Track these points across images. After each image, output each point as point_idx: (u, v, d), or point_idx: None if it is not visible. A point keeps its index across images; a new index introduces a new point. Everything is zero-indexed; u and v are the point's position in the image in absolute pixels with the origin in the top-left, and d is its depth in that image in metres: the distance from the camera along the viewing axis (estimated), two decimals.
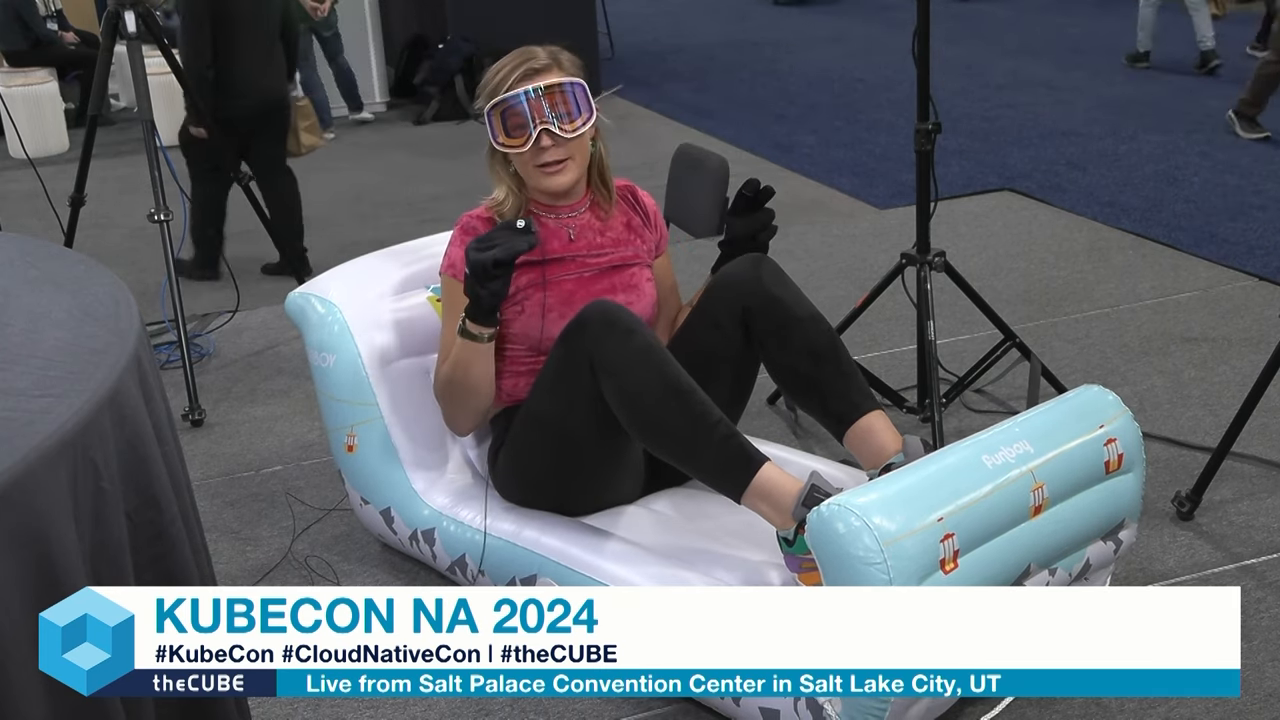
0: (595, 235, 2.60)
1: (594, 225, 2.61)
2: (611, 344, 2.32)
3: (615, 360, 2.32)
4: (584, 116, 2.49)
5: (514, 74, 2.48)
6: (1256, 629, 2.48)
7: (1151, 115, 6.98)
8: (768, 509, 2.24)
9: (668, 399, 2.29)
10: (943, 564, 1.98)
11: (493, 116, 2.49)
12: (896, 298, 3.70)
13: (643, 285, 2.62)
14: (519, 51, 2.53)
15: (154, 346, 3.30)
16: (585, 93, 2.50)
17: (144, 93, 3.79)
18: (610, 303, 2.41)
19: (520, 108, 2.45)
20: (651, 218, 2.72)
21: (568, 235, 2.58)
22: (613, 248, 2.61)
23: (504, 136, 2.49)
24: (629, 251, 2.63)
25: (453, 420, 2.62)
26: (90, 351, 1.57)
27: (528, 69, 2.49)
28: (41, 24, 8.21)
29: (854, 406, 2.45)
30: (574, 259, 2.57)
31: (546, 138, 2.46)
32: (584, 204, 2.61)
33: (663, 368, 2.31)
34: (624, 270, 2.61)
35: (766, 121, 7.52)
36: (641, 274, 2.63)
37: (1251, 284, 4.34)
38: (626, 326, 2.34)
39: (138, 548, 1.54)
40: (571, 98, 2.48)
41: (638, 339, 2.33)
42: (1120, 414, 2.31)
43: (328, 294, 2.78)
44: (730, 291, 2.54)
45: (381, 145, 7.47)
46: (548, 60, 2.51)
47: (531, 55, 2.51)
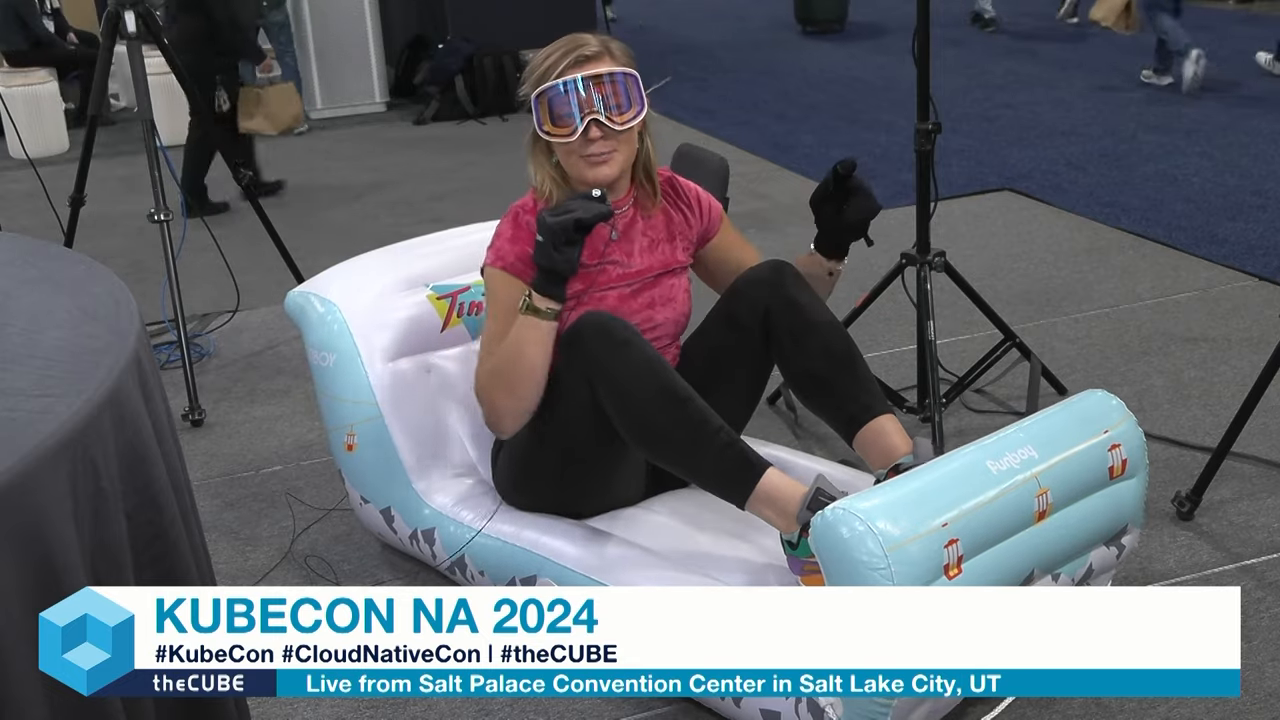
0: (638, 235, 2.55)
1: (637, 223, 2.56)
2: (607, 356, 2.30)
3: (612, 372, 2.30)
4: (635, 109, 2.42)
5: (564, 60, 2.40)
6: (1256, 629, 2.48)
7: (1151, 115, 6.98)
8: (772, 514, 2.23)
9: (667, 408, 2.28)
10: (946, 569, 1.98)
11: (539, 104, 2.41)
12: (896, 298, 3.70)
13: (678, 296, 2.58)
14: (569, 38, 2.45)
15: (154, 346, 3.30)
16: (637, 83, 2.43)
17: (144, 93, 3.79)
18: (604, 314, 2.38)
19: (569, 96, 2.37)
20: (696, 205, 2.63)
21: (610, 233, 2.52)
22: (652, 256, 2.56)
23: (550, 125, 2.41)
24: (668, 258, 2.57)
25: (497, 416, 2.48)
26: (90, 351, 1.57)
27: (578, 56, 2.40)
28: (41, 24, 8.21)
29: (866, 409, 2.42)
30: (616, 266, 2.52)
31: (595, 129, 2.39)
32: (628, 200, 2.55)
33: (660, 377, 2.29)
34: (662, 281, 2.56)
35: (766, 121, 7.52)
36: (679, 284, 2.59)
37: (1251, 284, 4.34)
38: (622, 338, 2.31)
39: (138, 548, 1.54)
40: (623, 88, 2.40)
41: (634, 350, 2.31)
42: (1124, 419, 2.31)
43: (327, 293, 2.78)
44: (753, 293, 2.51)
45: (381, 145, 7.47)
46: (599, 48, 2.43)
47: (582, 42, 2.43)
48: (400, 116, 8.20)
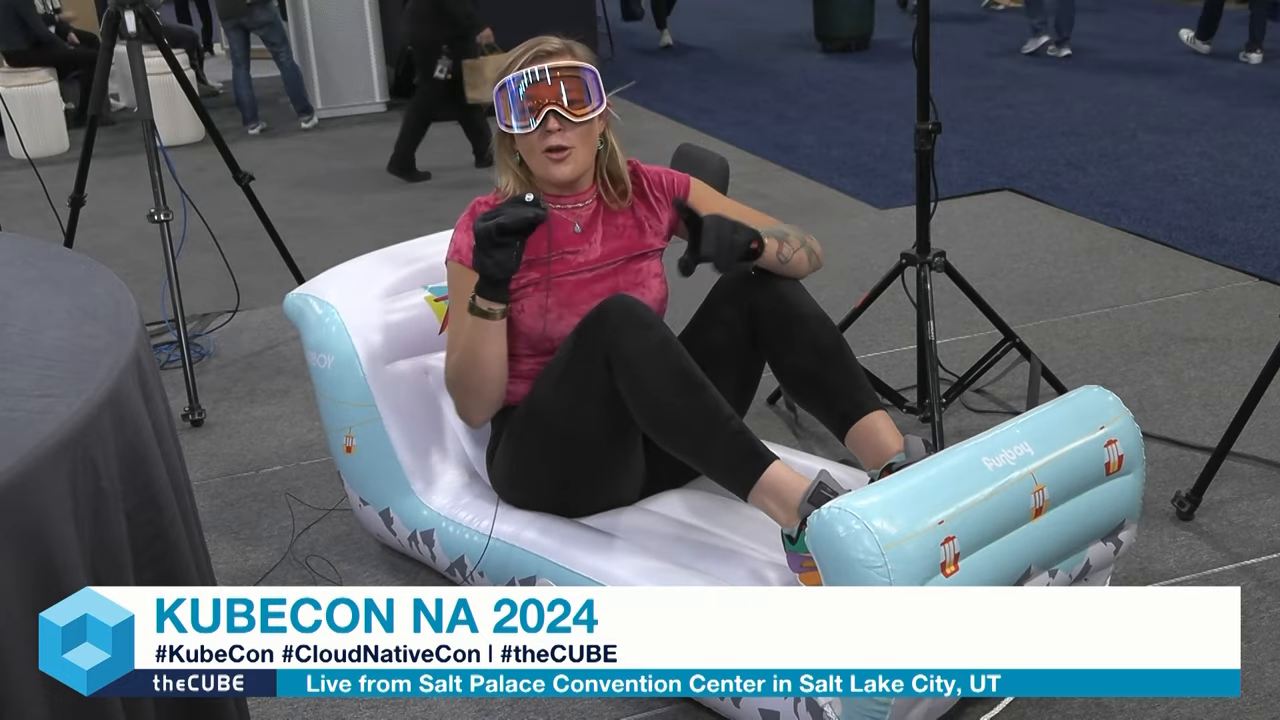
0: (600, 225, 2.57)
1: (599, 214, 2.58)
2: (630, 337, 2.32)
3: (633, 353, 2.31)
4: (594, 104, 2.46)
5: (524, 55, 2.46)
6: (1256, 629, 2.48)
7: (1151, 115, 6.98)
8: (775, 506, 2.24)
9: (682, 393, 2.29)
10: (943, 567, 1.98)
11: (500, 97, 2.46)
12: (896, 298, 3.70)
13: (649, 281, 2.59)
14: (533, 39, 2.51)
15: (154, 346, 3.30)
16: (597, 81, 2.47)
17: (144, 93, 3.79)
18: (630, 297, 2.40)
19: (528, 87, 2.43)
20: (666, 186, 2.62)
21: (573, 227, 2.56)
22: (618, 242, 2.58)
23: (510, 118, 2.46)
24: (634, 243, 2.59)
25: (465, 410, 2.58)
26: (90, 351, 1.57)
27: (539, 51, 2.47)
28: (41, 24, 8.21)
29: (857, 406, 2.44)
30: (576, 255, 2.54)
31: (554, 120, 2.43)
32: (589, 195, 2.58)
33: (679, 363, 2.30)
34: (630, 266, 2.58)
35: (766, 121, 7.52)
36: (649, 268, 2.60)
37: (1251, 284, 4.34)
38: (645, 321, 2.34)
39: (138, 548, 1.54)
40: (583, 83, 2.45)
41: (655, 333, 2.32)
42: (1121, 415, 2.31)
43: (325, 295, 2.78)
44: (737, 289, 2.53)
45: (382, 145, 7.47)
46: (560, 46, 2.49)
47: (544, 40, 2.50)
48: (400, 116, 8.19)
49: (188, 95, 4.32)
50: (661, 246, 2.64)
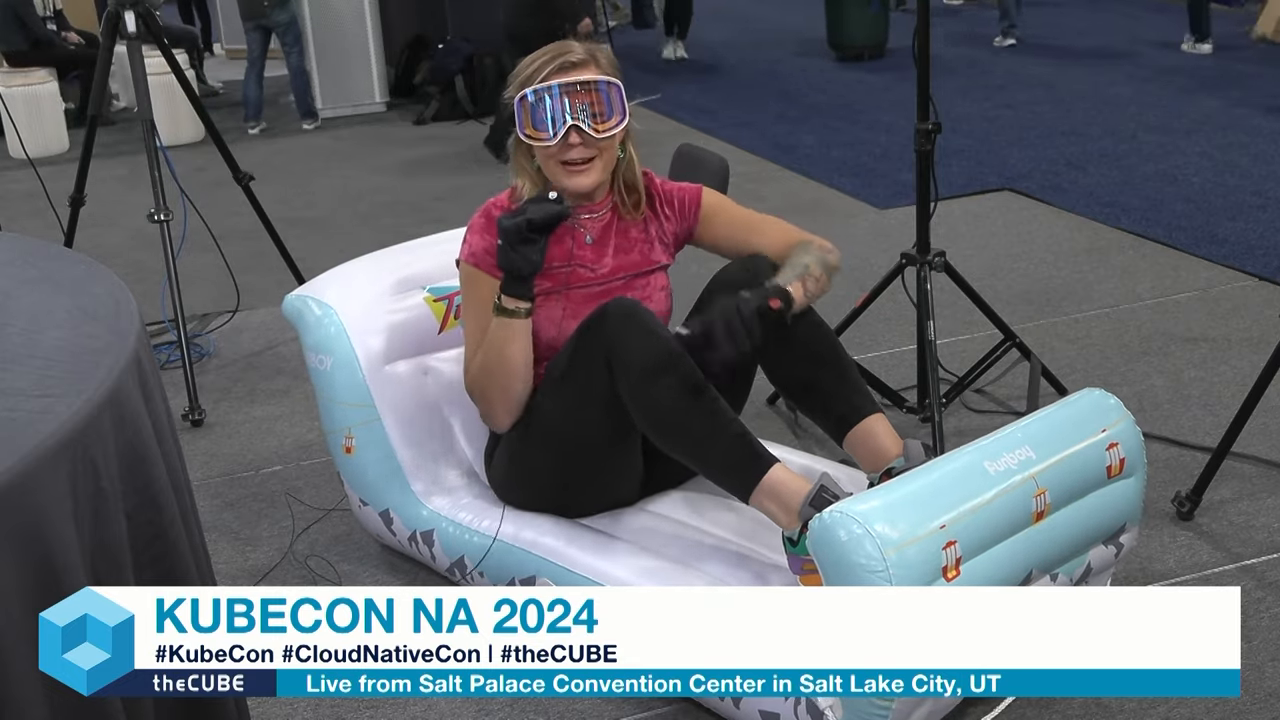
0: (613, 238, 2.55)
1: (613, 226, 2.56)
2: (631, 339, 2.31)
3: (634, 355, 2.30)
4: (616, 118, 2.43)
5: (548, 66, 2.42)
6: (1256, 629, 2.48)
7: (1151, 115, 6.98)
8: (775, 508, 2.24)
9: (684, 396, 2.28)
10: (945, 571, 1.98)
11: (521, 107, 2.42)
12: (896, 298, 3.70)
13: (655, 295, 2.58)
14: (555, 44, 2.47)
15: (154, 346, 3.30)
16: (620, 93, 2.44)
17: (144, 93, 3.79)
18: (630, 299, 2.40)
19: (550, 102, 2.39)
20: (677, 205, 2.60)
21: (585, 238, 2.54)
22: (627, 257, 2.55)
23: (530, 129, 2.43)
24: (643, 260, 2.57)
25: (491, 413, 2.53)
26: (90, 351, 1.57)
27: (563, 62, 2.42)
28: (41, 24, 8.21)
29: (855, 409, 2.43)
30: (586, 269, 2.52)
31: (575, 135, 2.41)
32: (605, 205, 2.56)
33: (680, 365, 2.30)
34: (635, 282, 2.56)
35: (766, 121, 7.52)
36: (656, 281, 2.59)
37: (1251, 284, 4.34)
38: (646, 324, 2.33)
39: (138, 548, 1.54)
40: (605, 97, 2.42)
41: (656, 337, 2.32)
42: (1122, 418, 2.31)
43: (324, 296, 2.78)
44: (729, 291, 2.52)
45: (381, 145, 7.47)
46: (584, 56, 2.44)
47: (568, 49, 2.45)
48: (400, 116, 8.20)
49: (188, 95, 4.32)
50: (668, 262, 2.63)
